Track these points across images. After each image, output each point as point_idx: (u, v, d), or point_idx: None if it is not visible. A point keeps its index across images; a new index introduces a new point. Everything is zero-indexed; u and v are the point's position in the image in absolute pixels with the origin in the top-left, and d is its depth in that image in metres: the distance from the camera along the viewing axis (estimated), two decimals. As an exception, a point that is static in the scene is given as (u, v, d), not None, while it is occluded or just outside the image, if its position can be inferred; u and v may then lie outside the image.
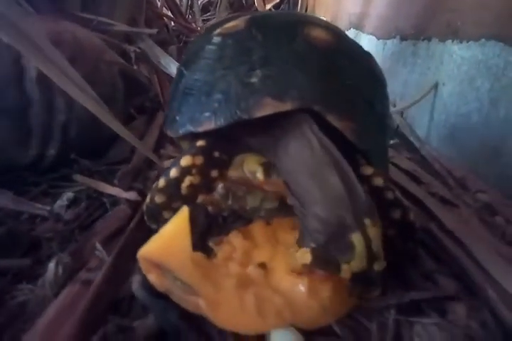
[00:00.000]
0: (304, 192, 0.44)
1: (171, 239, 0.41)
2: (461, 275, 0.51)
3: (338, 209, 0.40)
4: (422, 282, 0.50)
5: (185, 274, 0.39)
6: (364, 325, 0.43)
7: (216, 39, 0.54)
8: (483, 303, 0.45)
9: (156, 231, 0.48)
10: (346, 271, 0.39)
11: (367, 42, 1.62)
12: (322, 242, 0.41)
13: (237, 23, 0.55)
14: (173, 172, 0.48)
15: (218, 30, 0.55)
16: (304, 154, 0.45)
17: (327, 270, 0.42)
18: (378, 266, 0.39)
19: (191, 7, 2.86)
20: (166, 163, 0.76)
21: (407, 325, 0.43)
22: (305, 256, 0.42)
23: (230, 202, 0.59)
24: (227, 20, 0.58)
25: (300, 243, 0.44)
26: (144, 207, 0.53)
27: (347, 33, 0.65)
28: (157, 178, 0.72)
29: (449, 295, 0.47)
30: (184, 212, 0.43)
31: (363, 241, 0.38)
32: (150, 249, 0.41)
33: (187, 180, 0.48)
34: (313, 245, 0.41)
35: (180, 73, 0.60)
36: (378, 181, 0.49)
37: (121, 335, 0.38)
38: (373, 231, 0.39)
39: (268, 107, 0.47)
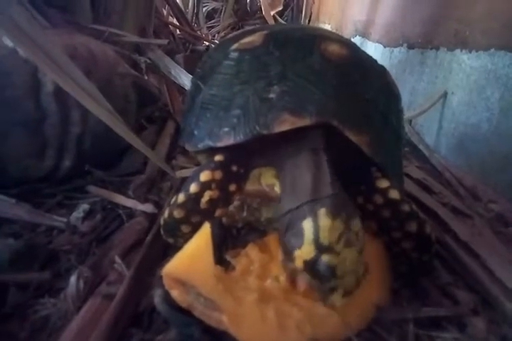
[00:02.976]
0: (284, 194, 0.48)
1: (194, 256, 0.42)
2: (477, 287, 0.51)
3: (299, 199, 0.43)
4: (438, 295, 0.50)
5: (208, 290, 0.40)
6: (384, 337, 0.44)
7: (233, 54, 0.55)
8: (502, 317, 0.46)
9: (172, 245, 0.48)
10: (298, 257, 0.40)
11: (373, 50, 1.63)
12: (284, 231, 0.43)
13: (254, 39, 0.55)
14: (193, 188, 0.49)
15: (235, 46, 0.56)
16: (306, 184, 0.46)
17: (288, 260, 0.43)
18: (327, 259, 0.39)
19: (196, 15, 2.88)
20: (179, 174, 0.77)
21: (427, 340, 0.43)
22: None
23: (244, 213, 0.59)
24: (243, 34, 0.59)
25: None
26: (162, 222, 0.53)
27: (352, 40, 0.66)
28: (171, 189, 0.74)
29: (468, 310, 0.48)
30: (206, 228, 0.44)
31: (312, 228, 0.40)
32: (174, 266, 0.41)
33: (206, 195, 0.49)
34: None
35: (196, 87, 0.61)
36: (394, 194, 0.50)
37: (145, 350, 0.38)
38: (325, 221, 0.40)
39: (286, 123, 0.48)
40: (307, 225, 0.40)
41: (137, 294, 0.47)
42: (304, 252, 0.40)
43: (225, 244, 0.58)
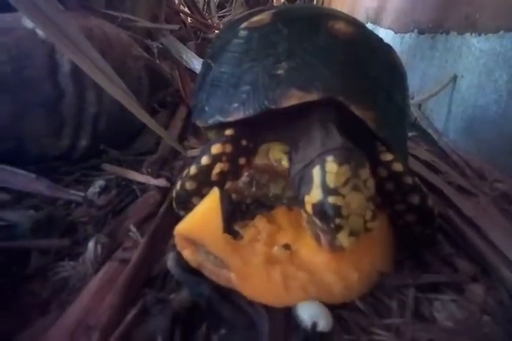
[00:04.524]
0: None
1: (204, 216, 0.44)
2: (478, 258, 0.53)
3: (312, 155, 0.46)
4: (440, 265, 0.52)
5: (217, 248, 0.42)
6: (385, 302, 0.46)
7: (242, 33, 0.57)
8: (500, 284, 0.47)
9: (183, 217, 0.51)
10: (307, 203, 0.43)
11: (384, 36, 1.61)
12: (297, 182, 0.46)
13: (262, 17, 0.57)
14: (205, 160, 0.51)
15: (244, 24, 0.58)
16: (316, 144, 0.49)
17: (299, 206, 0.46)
18: (332, 200, 0.41)
19: (208, 4, 2.88)
20: (190, 153, 0.80)
21: (426, 303, 0.45)
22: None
23: (253, 189, 0.61)
24: (252, 14, 0.60)
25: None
26: (174, 194, 0.56)
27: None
28: (183, 168, 0.77)
29: (467, 277, 0.49)
30: (215, 193, 0.46)
31: (320, 173, 0.42)
32: (186, 226, 0.44)
33: (217, 167, 0.51)
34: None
35: (206, 66, 0.62)
36: (398, 167, 0.51)
37: (159, 306, 0.41)
38: (331, 166, 0.42)
39: (294, 98, 0.49)
40: (316, 171, 0.43)
41: (151, 259, 0.50)
42: (312, 196, 0.42)
43: (234, 218, 0.60)
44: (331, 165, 0.42)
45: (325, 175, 0.42)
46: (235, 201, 0.63)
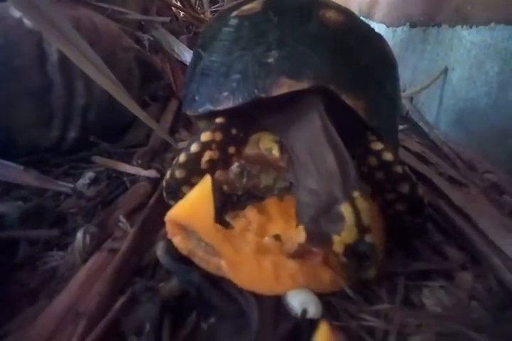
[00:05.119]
0: (300, 167, 0.46)
1: (195, 203, 0.44)
2: (468, 247, 0.53)
3: (328, 182, 0.42)
4: (429, 253, 0.52)
5: (208, 235, 0.42)
6: (374, 290, 0.46)
7: (233, 21, 0.57)
8: (489, 271, 0.48)
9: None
10: (338, 243, 0.40)
11: (376, 30, 1.62)
12: (312, 214, 0.42)
13: (253, 6, 0.57)
14: (194, 148, 0.50)
15: (235, 13, 0.57)
16: (308, 135, 0.48)
17: (320, 244, 0.42)
18: (369, 238, 0.40)
19: (200, -2, 2.86)
20: (181, 145, 0.79)
21: (416, 290, 0.45)
22: (300, 234, 0.43)
23: (244, 180, 0.61)
24: (243, 3, 0.60)
25: (297, 219, 0.45)
26: (164, 183, 0.55)
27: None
28: (173, 160, 0.76)
29: (457, 265, 0.50)
30: (207, 180, 0.46)
31: (352, 212, 0.39)
32: (177, 212, 0.44)
33: (207, 155, 0.51)
34: (305, 219, 0.42)
35: (197, 55, 0.62)
36: (388, 156, 0.51)
37: (148, 294, 0.41)
38: (362, 203, 0.40)
39: (284, 86, 0.49)
40: (346, 209, 0.39)
41: (140, 249, 0.49)
42: (346, 236, 0.39)
43: (225, 209, 0.60)
44: (362, 202, 0.40)
45: (359, 214, 0.39)
46: (226, 192, 0.63)
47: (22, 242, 0.50)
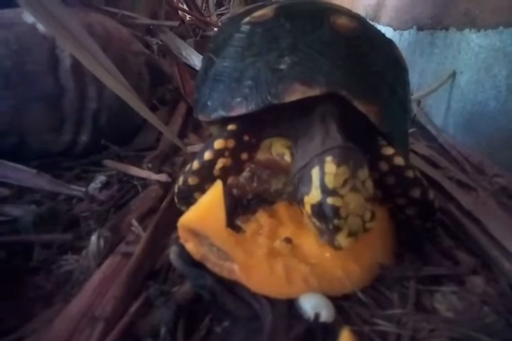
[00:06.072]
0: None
1: (207, 208, 0.44)
2: (478, 251, 0.53)
3: (311, 154, 0.46)
4: (440, 258, 0.52)
5: (220, 240, 0.43)
6: (386, 294, 0.46)
7: (245, 27, 0.57)
8: (500, 275, 0.48)
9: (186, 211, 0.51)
10: (306, 203, 0.43)
11: (383, 33, 1.63)
12: (296, 181, 0.47)
13: (265, 12, 0.57)
14: (207, 155, 0.51)
15: (247, 19, 0.58)
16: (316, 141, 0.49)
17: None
18: (331, 200, 0.41)
19: (206, 2, 2.88)
20: (190, 149, 0.80)
21: (427, 294, 0.45)
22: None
23: (255, 184, 0.62)
24: (254, 9, 0.60)
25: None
26: (176, 189, 0.56)
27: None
28: (184, 163, 0.77)
29: (468, 270, 0.50)
30: (218, 185, 0.46)
31: (318, 174, 0.43)
32: (189, 217, 0.44)
33: (220, 162, 0.51)
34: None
35: (208, 60, 0.63)
36: (399, 160, 0.52)
37: (162, 298, 0.41)
38: (330, 167, 0.42)
39: (297, 92, 0.50)
40: (315, 172, 0.43)
41: (154, 253, 0.50)
42: (311, 197, 0.43)
43: (236, 213, 0.60)
44: (330, 165, 0.42)
45: (324, 176, 0.42)
46: (237, 196, 0.64)
47: (36, 246, 0.50)
